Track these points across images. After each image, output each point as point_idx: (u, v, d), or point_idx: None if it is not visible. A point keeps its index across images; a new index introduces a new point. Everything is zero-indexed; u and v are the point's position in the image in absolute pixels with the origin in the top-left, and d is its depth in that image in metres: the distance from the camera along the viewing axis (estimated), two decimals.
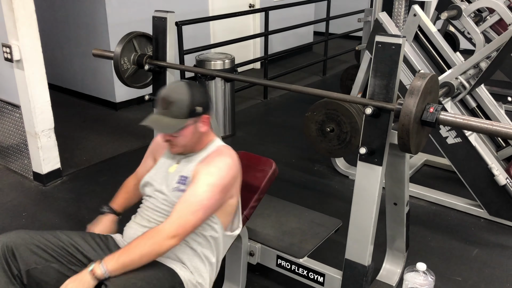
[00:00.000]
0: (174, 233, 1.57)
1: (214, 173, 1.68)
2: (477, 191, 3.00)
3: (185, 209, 1.61)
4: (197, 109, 1.70)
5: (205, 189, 1.64)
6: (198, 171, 1.69)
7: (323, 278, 2.12)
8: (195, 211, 1.61)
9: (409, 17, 3.00)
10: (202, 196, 1.63)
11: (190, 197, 1.63)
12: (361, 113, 2.68)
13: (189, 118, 1.68)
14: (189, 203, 1.62)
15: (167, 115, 1.67)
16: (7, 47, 3.10)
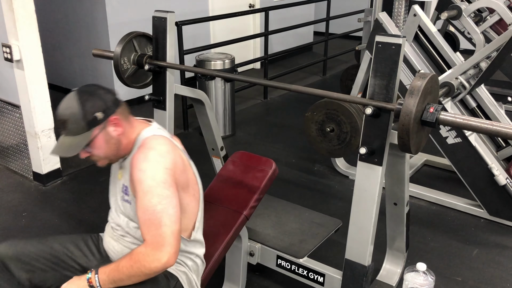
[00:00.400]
0: (162, 253, 1.45)
1: (143, 178, 1.48)
2: (477, 191, 3.00)
3: (152, 227, 1.46)
4: (97, 116, 1.53)
5: (148, 199, 1.47)
6: (132, 180, 1.54)
7: (323, 278, 2.12)
8: (160, 222, 1.46)
9: (409, 17, 3.00)
10: (152, 207, 1.46)
11: (144, 214, 1.48)
12: (361, 113, 2.68)
13: (92, 129, 1.53)
14: (149, 220, 1.47)
15: (68, 135, 1.53)
16: (7, 47, 3.10)
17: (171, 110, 2.47)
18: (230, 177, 2.20)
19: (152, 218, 1.46)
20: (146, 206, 1.47)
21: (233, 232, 2.01)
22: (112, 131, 1.56)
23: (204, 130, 2.71)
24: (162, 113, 2.47)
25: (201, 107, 2.56)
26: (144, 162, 1.50)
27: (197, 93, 2.50)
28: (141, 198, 1.48)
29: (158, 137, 1.60)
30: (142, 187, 1.48)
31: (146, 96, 2.46)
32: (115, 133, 1.57)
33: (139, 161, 1.51)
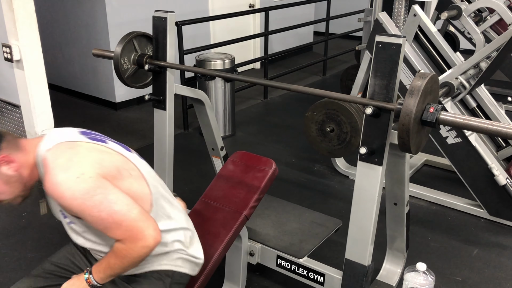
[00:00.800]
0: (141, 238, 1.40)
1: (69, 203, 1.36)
2: (477, 191, 3.00)
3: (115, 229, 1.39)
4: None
5: (88, 215, 1.37)
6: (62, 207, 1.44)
7: (323, 278, 2.12)
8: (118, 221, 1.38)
9: (409, 17, 3.00)
10: (98, 218, 1.37)
11: (98, 225, 1.40)
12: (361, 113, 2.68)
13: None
14: (107, 227, 1.39)
15: None
16: (7, 47, 3.10)
17: (171, 110, 2.47)
18: (230, 177, 2.20)
19: (108, 224, 1.38)
20: (93, 221, 1.39)
21: (233, 232, 2.01)
22: (6, 171, 1.42)
23: (204, 130, 2.71)
24: (162, 113, 2.47)
25: (201, 107, 2.57)
26: (58, 188, 1.35)
27: (197, 93, 2.50)
28: (84, 218, 1.40)
29: (53, 149, 1.42)
30: (76, 210, 1.38)
31: (146, 96, 2.46)
32: (11, 170, 1.43)
33: (52, 189, 1.36)
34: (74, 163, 1.38)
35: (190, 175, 3.57)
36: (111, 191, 1.38)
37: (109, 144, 1.54)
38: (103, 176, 1.39)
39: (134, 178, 1.50)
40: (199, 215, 2.12)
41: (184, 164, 3.73)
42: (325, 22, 6.22)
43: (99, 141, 1.51)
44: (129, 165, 1.52)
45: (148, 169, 1.61)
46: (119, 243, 1.41)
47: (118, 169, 1.46)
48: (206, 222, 2.08)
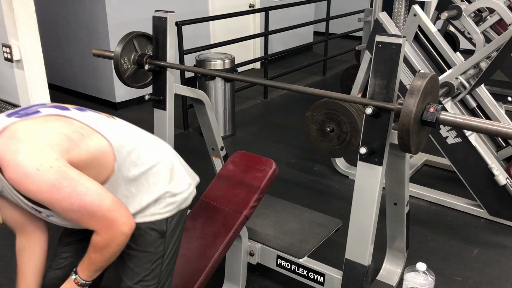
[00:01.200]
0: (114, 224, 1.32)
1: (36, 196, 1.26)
2: (477, 191, 3.00)
3: (88, 219, 1.32)
4: None
5: (59, 206, 1.28)
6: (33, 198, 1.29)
7: (323, 278, 2.12)
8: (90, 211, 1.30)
9: (409, 17, 3.00)
10: (69, 208, 1.29)
11: (71, 215, 1.32)
12: (361, 113, 2.68)
13: None
14: (79, 217, 1.31)
15: None
16: (7, 47, 3.10)
17: (171, 110, 2.47)
18: (230, 177, 2.21)
19: (80, 215, 1.30)
20: (64, 212, 1.31)
21: (233, 232, 2.01)
22: None
23: (204, 130, 2.71)
24: (162, 113, 2.47)
25: (201, 107, 2.57)
26: (22, 183, 1.24)
27: (197, 93, 2.50)
28: (55, 210, 1.31)
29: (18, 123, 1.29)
30: (46, 203, 1.28)
31: (146, 96, 2.46)
32: None
33: (18, 187, 1.25)
34: (24, 154, 1.24)
35: None
36: (78, 181, 1.27)
37: (43, 111, 1.37)
38: (60, 156, 1.27)
39: (87, 137, 1.37)
40: (199, 215, 2.12)
41: None
42: (325, 22, 6.22)
43: (31, 114, 1.35)
44: (74, 124, 1.37)
45: (95, 117, 1.46)
46: (96, 236, 1.36)
47: (67, 137, 1.32)
48: (206, 222, 2.08)
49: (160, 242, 1.55)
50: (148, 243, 1.53)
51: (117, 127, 1.52)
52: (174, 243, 1.60)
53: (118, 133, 1.48)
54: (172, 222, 1.57)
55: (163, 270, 1.58)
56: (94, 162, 1.37)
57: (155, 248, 1.54)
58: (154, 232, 1.53)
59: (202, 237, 2.02)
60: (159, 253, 1.55)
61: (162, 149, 1.64)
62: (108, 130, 1.44)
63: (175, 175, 1.59)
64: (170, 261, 1.60)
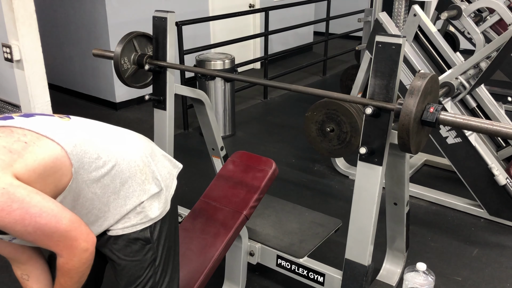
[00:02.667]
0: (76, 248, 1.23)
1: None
2: (477, 191, 3.00)
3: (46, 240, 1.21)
4: None
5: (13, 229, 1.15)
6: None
7: (323, 278, 2.12)
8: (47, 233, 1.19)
9: (409, 17, 3.00)
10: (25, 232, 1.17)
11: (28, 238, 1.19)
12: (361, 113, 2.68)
13: None
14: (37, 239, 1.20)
15: None
16: (7, 47, 3.10)
17: (171, 110, 2.47)
18: (230, 177, 2.21)
19: (38, 237, 1.19)
20: (20, 236, 1.19)
21: (233, 232, 2.01)
22: None
23: (204, 130, 2.71)
24: (162, 113, 2.47)
25: (201, 107, 2.57)
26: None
27: (197, 93, 2.50)
28: (10, 233, 1.19)
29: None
30: (2, 228, 1.15)
31: (146, 96, 2.46)
32: None
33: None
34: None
35: (190, 175, 3.57)
36: (30, 202, 1.15)
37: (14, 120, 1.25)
38: (3, 172, 1.13)
39: (32, 144, 1.21)
40: (199, 215, 2.12)
41: (184, 164, 3.70)
42: (325, 22, 6.22)
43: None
44: (16, 133, 1.22)
45: (43, 121, 1.30)
46: (59, 258, 1.26)
47: (7, 149, 1.17)
48: (206, 222, 2.08)
49: (147, 248, 1.45)
50: (134, 252, 1.44)
51: (71, 127, 1.35)
52: (164, 243, 1.49)
53: (71, 134, 1.31)
54: (156, 226, 1.46)
55: (159, 272, 1.50)
56: (47, 171, 1.21)
57: (143, 255, 1.45)
58: (138, 241, 1.43)
59: (202, 237, 2.02)
60: (149, 259, 1.47)
61: (130, 144, 1.48)
62: (59, 133, 1.28)
63: (149, 174, 1.46)
64: (166, 261, 1.52)
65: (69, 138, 1.28)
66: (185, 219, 2.14)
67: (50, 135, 1.24)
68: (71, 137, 1.29)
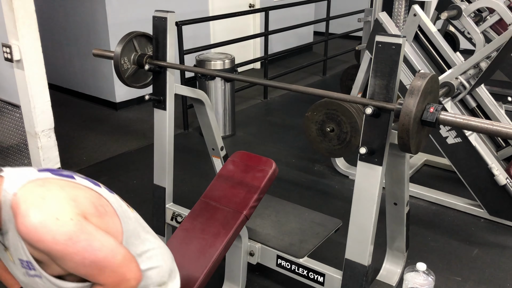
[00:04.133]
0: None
1: (52, 249, 1.21)
2: (477, 191, 3.00)
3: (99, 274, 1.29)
4: None
5: (71, 261, 1.24)
6: (41, 254, 1.26)
7: (323, 278, 2.12)
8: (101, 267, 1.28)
9: (409, 17, 3.00)
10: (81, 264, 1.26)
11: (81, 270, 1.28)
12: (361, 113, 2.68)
13: None
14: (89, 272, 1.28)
15: None
16: (7, 47, 3.10)
17: (171, 110, 2.47)
18: (230, 177, 2.21)
19: (90, 270, 1.28)
20: (74, 267, 1.26)
21: (233, 232, 2.01)
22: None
23: (204, 130, 2.71)
24: (162, 113, 2.47)
25: (201, 107, 2.57)
26: (36, 231, 1.20)
27: (197, 93, 2.50)
28: (63, 263, 1.26)
29: (22, 190, 1.26)
30: (55, 255, 1.23)
31: (146, 96, 2.46)
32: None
33: (29, 232, 1.20)
34: (48, 202, 1.24)
35: (190, 175, 3.57)
36: (95, 236, 1.27)
37: (77, 179, 1.40)
38: (82, 215, 1.27)
39: (109, 216, 1.38)
40: (199, 215, 2.12)
41: (184, 164, 3.73)
42: (325, 22, 6.22)
43: (65, 176, 1.38)
44: (102, 200, 1.39)
45: (119, 203, 1.48)
46: (100, 287, 1.33)
47: (94, 206, 1.34)
48: (206, 222, 2.08)
49: None
50: None
51: (133, 220, 1.51)
52: None
53: (132, 226, 1.47)
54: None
55: None
56: None
57: None
58: None
59: (202, 237, 2.02)
60: None
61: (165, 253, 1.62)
62: (126, 220, 1.45)
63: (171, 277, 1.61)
64: None
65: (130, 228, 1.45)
66: (185, 219, 2.14)
67: (121, 218, 1.42)
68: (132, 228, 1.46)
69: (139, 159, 3.93)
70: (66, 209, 1.24)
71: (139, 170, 3.68)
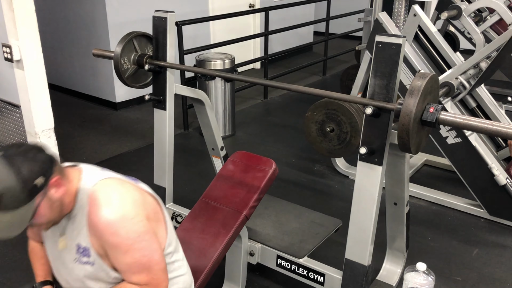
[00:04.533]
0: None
1: (118, 241, 1.35)
2: (477, 191, 3.00)
3: (142, 274, 1.40)
4: (37, 183, 1.27)
5: (130, 256, 1.37)
6: (102, 243, 1.37)
7: (323, 278, 2.12)
8: (149, 269, 1.41)
9: (409, 17, 3.00)
10: (137, 261, 1.38)
11: (129, 267, 1.39)
12: (361, 113, 2.68)
13: (33, 199, 1.28)
14: (136, 271, 1.40)
15: (5, 211, 1.24)
16: (7, 47, 3.10)
17: (171, 110, 2.47)
18: (230, 177, 2.20)
19: (141, 268, 1.39)
20: (129, 262, 1.38)
21: (233, 232, 2.01)
22: (54, 194, 1.33)
23: (204, 130, 2.71)
24: (162, 113, 2.47)
25: (201, 107, 2.57)
26: (112, 225, 1.34)
27: (197, 93, 2.50)
28: (122, 258, 1.38)
29: (101, 184, 1.40)
30: (120, 249, 1.36)
31: (146, 96, 2.46)
32: (58, 194, 1.34)
33: (104, 225, 1.34)
34: (126, 201, 1.39)
35: (190, 175, 3.57)
36: (154, 239, 1.42)
37: (140, 184, 1.53)
38: (147, 218, 1.41)
39: (160, 223, 1.51)
40: (199, 215, 2.12)
41: (184, 164, 3.72)
42: (325, 22, 6.22)
43: (132, 179, 1.52)
44: (157, 208, 1.52)
45: (168, 218, 1.60)
46: (135, 286, 1.42)
47: (153, 211, 1.47)
48: (206, 222, 2.08)
49: None
50: None
51: (173, 229, 1.62)
52: None
53: (172, 235, 1.59)
54: None
55: None
56: None
57: None
58: None
59: (202, 237, 2.02)
60: None
61: (186, 264, 1.71)
62: (171, 229, 1.57)
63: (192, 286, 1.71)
64: None
65: (171, 235, 1.57)
66: (185, 219, 2.14)
67: (168, 228, 1.55)
68: (170, 236, 1.57)
69: (139, 159, 3.93)
70: (139, 211, 1.39)
71: (139, 170, 3.68)
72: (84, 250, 1.41)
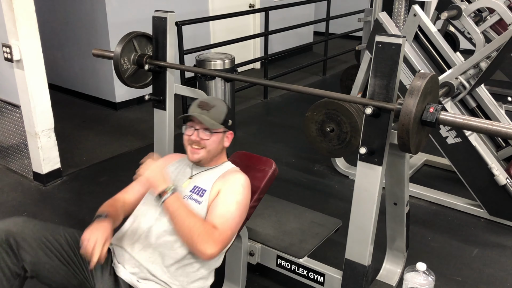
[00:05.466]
0: (217, 245, 1.63)
1: (240, 192, 1.77)
2: (477, 191, 3.00)
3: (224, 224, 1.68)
4: (229, 121, 1.89)
5: (236, 207, 1.73)
6: (222, 188, 1.78)
7: (323, 278, 2.12)
8: (231, 228, 1.71)
9: (409, 17, 3.00)
10: (235, 213, 1.72)
11: (226, 213, 1.71)
12: (361, 113, 2.68)
13: (222, 126, 1.86)
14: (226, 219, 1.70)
15: (209, 116, 1.82)
16: (7, 47, 3.10)
17: (171, 110, 2.47)
18: None
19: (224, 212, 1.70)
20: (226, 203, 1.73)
21: None
22: (225, 141, 1.92)
23: None
24: (162, 113, 2.47)
25: None
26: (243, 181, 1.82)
27: (197, 93, 2.50)
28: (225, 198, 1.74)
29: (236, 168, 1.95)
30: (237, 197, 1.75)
31: (146, 96, 2.46)
32: (225, 144, 1.93)
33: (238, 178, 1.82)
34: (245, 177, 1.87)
35: None
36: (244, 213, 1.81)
37: None
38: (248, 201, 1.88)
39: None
40: None
41: None
42: (325, 22, 6.22)
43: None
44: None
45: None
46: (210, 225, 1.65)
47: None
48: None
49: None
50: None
51: None
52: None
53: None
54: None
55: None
56: None
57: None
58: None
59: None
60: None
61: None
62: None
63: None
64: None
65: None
66: None
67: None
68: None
69: (139, 159, 3.92)
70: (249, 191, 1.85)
71: None
72: (200, 191, 1.79)
